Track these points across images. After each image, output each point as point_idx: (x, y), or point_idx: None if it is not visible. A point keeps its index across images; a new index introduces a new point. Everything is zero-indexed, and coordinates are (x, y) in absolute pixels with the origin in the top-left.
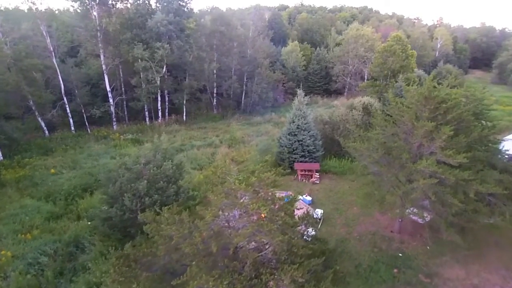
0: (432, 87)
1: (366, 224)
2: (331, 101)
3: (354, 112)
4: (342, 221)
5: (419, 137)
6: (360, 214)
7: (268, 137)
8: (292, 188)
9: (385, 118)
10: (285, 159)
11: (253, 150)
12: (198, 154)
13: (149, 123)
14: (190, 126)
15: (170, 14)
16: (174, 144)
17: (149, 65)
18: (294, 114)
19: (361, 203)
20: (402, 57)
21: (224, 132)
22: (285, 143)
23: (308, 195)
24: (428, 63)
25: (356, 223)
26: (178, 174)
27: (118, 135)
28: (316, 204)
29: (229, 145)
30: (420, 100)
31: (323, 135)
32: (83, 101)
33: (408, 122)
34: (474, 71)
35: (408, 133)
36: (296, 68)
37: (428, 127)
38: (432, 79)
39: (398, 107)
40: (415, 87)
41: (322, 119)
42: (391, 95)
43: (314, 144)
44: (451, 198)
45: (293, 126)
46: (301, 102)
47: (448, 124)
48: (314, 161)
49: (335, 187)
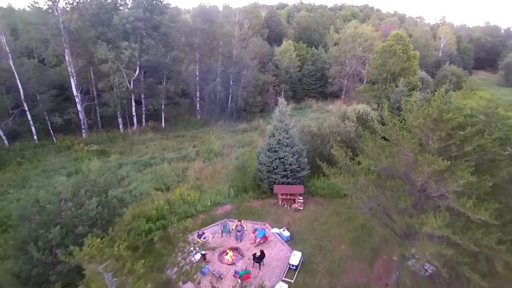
0: (444, 106)
1: (355, 271)
2: (327, 105)
3: (347, 123)
4: (326, 267)
5: (425, 175)
6: (349, 256)
7: (251, 148)
8: (270, 215)
9: (380, 143)
10: (264, 179)
11: (231, 165)
12: (167, 170)
13: (123, 130)
14: (167, 134)
15: (139, 10)
16: (143, 157)
17: (116, 67)
18: (275, 126)
19: (351, 239)
20: (403, 58)
21: (203, 141)
22: (264, 160)
23: (287, 229)
24: (431, 63)
25: (342, 270)
26: (112, 213)
27: (82, 146)
28: (296, 241)
29: (205, 158)
30: (427, 124)
31: (311, 149)
32: (47, 107)
33: (409, 153)
34: (478, 72)
35: (409, 167)
36: (290, 69)
37: (438, 166)
38: (443, 95)
39: (396, 129)
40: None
41: (310, 130)
42: (387, 112)
43: (298, 162)
44: (470, 272)
45: (273, 141)
46: (283, 113)
47: (465, 157)
48: (298, 182)
49: (322, 215)
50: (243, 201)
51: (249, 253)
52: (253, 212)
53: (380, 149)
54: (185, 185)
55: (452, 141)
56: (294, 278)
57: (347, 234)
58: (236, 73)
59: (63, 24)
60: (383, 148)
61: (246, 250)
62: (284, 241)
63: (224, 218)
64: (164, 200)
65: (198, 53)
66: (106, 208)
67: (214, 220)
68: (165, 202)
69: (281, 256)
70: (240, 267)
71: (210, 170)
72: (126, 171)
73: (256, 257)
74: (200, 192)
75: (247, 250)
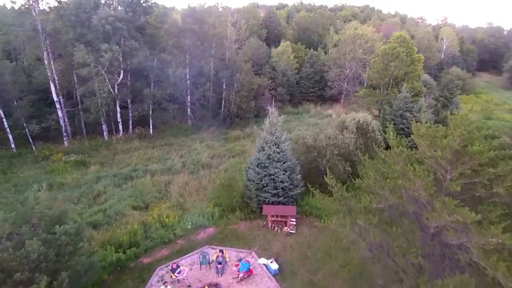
0: (468, 134)
1: None
2: (325, 109)
3: (345, 134)
4: None
5: (441, 220)
6: None
7: (242, 159)
8: (258, 241)
9: (383, 170)
10: (253, 198)
11: (219, 179)
12: (148, 184)
13: (107, 138)
14: (154, 142)
15: (120, 9)
16: (125, 169)
17: (96, 71)
18: (265, 139)
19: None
20: (406, 61)
21: (191, 150)
22: (253, 176)
23: (274, 260)
24: (433, 66)
25: None
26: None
27: (60, 156)
28: (285, 274)
29: (191, 171)
30: (446, 156)
31: (306, 161)
32: (24, 113)
33: (421, 192)
34: (481, 74)
35: (420, 206)
36: (287, 72)
37: (463, 217)
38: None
39: (403, 158)
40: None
41: (305, 142)
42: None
43: (291, 179)
44: None
45: (262, 156)
46: (274, 124)
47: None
48: (290, 201)
49: (316, 240)
50: (228, 223)
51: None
52: (239, 237)
53: (383, 181)
54: (166, 202)
55: (478, 179)
56: None
57: (345, 266)
58: (229, 77)
59: (41, 25)
60: (387, 179)
61: (227, 287)
62: (271, 275)
63: (206, 245)
64: (139, 222)
65: (189, 55)
66: (53, 247)
67: (193, 247)
68: (140, 226)
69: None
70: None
71: (195, 185)
72: (104, 185)
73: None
74: (181, 211)
75: (228, 287)
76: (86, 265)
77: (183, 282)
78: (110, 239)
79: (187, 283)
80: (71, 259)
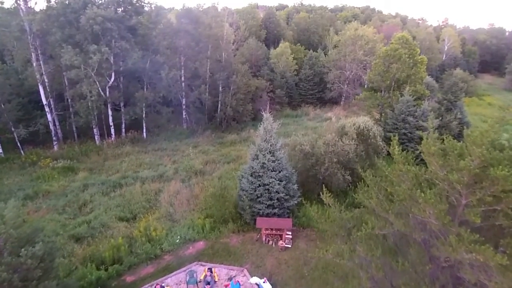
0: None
1: None
2: (325, 112)
3: (345, 141)
4: None
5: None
6: None
7: (237, 165)
8: (251, 257)
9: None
10: (246, 209)
11: (212, 187)
12: (137, 193)
13: (99, 142)
14: (146, 147)
15: (109, 9)
16: (114, 176)
17: (85, 74)
18: (259, 147)
19: None
20: (409, 63)
21: (185, 156)
22: (246, 186)
23: (267, 279)
24: (435, 67)
25: None
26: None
27: (48, 162)
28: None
29: (183, 178)
30: (463, 180)
31: (303, 169)
32: (12, 117)
33: (433, 220)
34: (483, 76)
35: (431, 234)
36: (286, 73)
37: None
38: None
39: (410, 177)
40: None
41: (302, 149)
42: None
43: (287, 189)
44: None
45: (256, 165)
46: (269, 131)
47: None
48: (286, 213)
49: (313, 256)
50: (220, 236)
51: None
52: (231, 252)
53: (387, 202)
54: (155, 213)
55: (499, 207)
56: None
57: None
58: (225, 79)
59: (29, 25)
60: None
61: None
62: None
63: (194, 261)
64: (124, 236)
65: (183, 56)
66: (18, 272)
67: (181, 264)
68: (125, 240)
69: None
70: None
71: (187, 194)
72: (91, 194)
73: None
74: (171, 223)
75: None
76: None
77: None
78: (92, 254)
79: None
80: (39, 284)
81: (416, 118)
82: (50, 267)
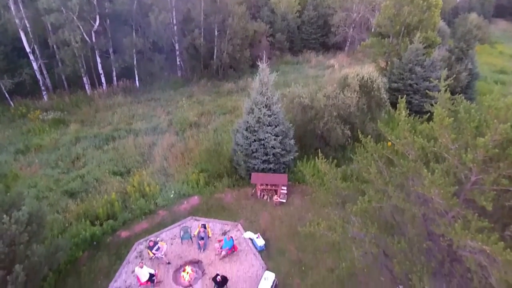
0: None
1: None
2: (328, 59)
3: (346, 94)
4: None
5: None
6: (334, 279)
7: (233, 117)
8: (245, 212)
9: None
10: (241, 164)
11: (207, 140)
12: (130, 146)
13: (90, 92)
14: (139, 97)
15: None
16: (106, 128)
17: (65, 18)
18: (254, 100)
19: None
20: (422, 7)
21: (179, 107)
22: (241, 141)
23: (260, 236)
24: (448, 10)
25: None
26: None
27: (38, 114)
28: (272, 251)
29: (178, 130)
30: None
31: (301, 124)
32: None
33: (438, 199)
34: (497, 21)
35: (432, 211)
36: (288, 15)
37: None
38: None
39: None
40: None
41: (300, 102)
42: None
43: (283, 144)
44: None
45: (251, 119)
46: (265, 83)
47: None
48: (282, 168)
49: (308, 211)
50: (214, 191)
51: (211, 269)
52: (225, 207)
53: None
54: (149, 167)
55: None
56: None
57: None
58: (221, 22)
59: None
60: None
61: (209, 264)
62: (257, 251)
63: (189, 216)
64: (118, 191)
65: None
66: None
67: (176, 219)
68: (119, 195)
69: (251, 275)
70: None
71: (181, 148)
72: (83, 147)
73: (217, 281)
74: (165, 178)
75: (210, 264)
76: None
77: (162, 260)
78: (86, 210)
79: (166, 260)
80: (27, 248)
81: (424, 68)
82: (38, 230)
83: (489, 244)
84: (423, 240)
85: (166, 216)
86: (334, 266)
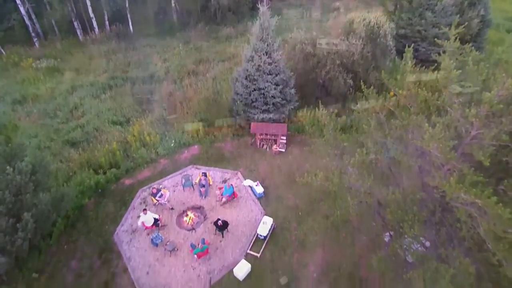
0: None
1: (333, 248)
2: (333, 1)
3: (351, 40)
4: (299, 237)
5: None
6: (329, 225)
7: (232, 64)
8: (245, 161)
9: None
10: (240, 114)
11: (206, 89)
12: (128, 95)
13: (82, 38)
14: (134, 43)
15: None
16: (102, 76)
17: None
18: (254, 47)
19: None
20: None
21: (176, 54)
22: (240, 90)
23: (260, 183)
24: None
25: (317, 244)
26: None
27: (30, 62)
28: (270, 198)
29: (176, 79)
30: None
31: (302, 72)
32: None
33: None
34: None
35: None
36: None
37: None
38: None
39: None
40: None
41: (302, 48)
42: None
43: (284, 93)
44: None
45: (251, 67)
46: (266, 28)
47: None
48: (282, 118)
49: (306, 161)
50: (214, 141)
51: (213, 214)
52: (225, 157)
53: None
54: (148, 116)
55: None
56: (261, 252)
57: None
58: None
59: None
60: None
61: (210, 210)
62: (256, 198)
63: (190, 165)
64: (118, 141)
65: None
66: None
67: (177, 168)
68: (119, 145)
69: (250, 219)
70: (200, 234)
71: (179, 97)
72: (80, 97)
73: (218, 225)
74: (164, 127)
75: (211, 210)
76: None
77: (165, 206)
78: (88, 159)
79: (170, 206)
80: (34, 197)
81: (434, 14)
82: (43, 179)
83: (482, 198)
84: (417, 192)
85: (167, 165)
86: (329, 214)
